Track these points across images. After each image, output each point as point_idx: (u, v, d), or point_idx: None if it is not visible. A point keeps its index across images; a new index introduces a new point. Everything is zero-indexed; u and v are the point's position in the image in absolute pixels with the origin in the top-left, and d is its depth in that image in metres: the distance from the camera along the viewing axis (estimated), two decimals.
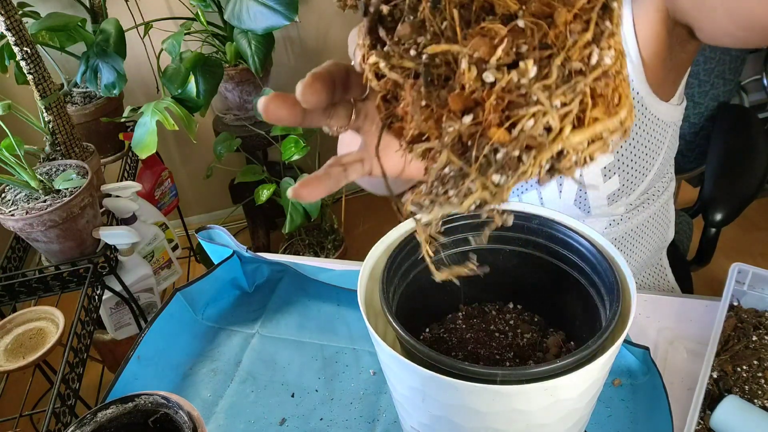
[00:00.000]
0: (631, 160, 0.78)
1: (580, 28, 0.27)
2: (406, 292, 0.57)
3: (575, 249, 0.55)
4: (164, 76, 1.41)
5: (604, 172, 0.79)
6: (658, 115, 0.77)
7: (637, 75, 0.73)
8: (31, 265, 1.18)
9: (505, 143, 0.28)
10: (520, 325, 0.62)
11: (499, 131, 0.28)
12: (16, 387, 0.98)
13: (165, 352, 0.75)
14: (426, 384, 0.45)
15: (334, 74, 0.34)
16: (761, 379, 0.63)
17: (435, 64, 0.29)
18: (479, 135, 0.28)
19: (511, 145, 0.28)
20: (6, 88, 1.73)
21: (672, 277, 0.98)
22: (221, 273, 0.82)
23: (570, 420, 0.47)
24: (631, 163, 0.79)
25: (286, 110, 0.34)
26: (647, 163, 0.80)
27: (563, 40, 0.27)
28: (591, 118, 0.28)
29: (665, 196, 0.89)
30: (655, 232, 0.90)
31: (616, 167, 0.78)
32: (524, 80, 0.27)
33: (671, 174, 0.88)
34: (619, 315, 0.46)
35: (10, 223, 0.94)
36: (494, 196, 0.29)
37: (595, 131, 0.29)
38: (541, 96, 0.27)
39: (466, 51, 0.27)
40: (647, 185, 0.83)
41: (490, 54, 0.27)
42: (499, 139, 0.28)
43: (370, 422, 0.66)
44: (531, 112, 0.27)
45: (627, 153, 0.78)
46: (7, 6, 0.97)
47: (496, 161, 0.28)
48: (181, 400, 0.48)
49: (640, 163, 0.79)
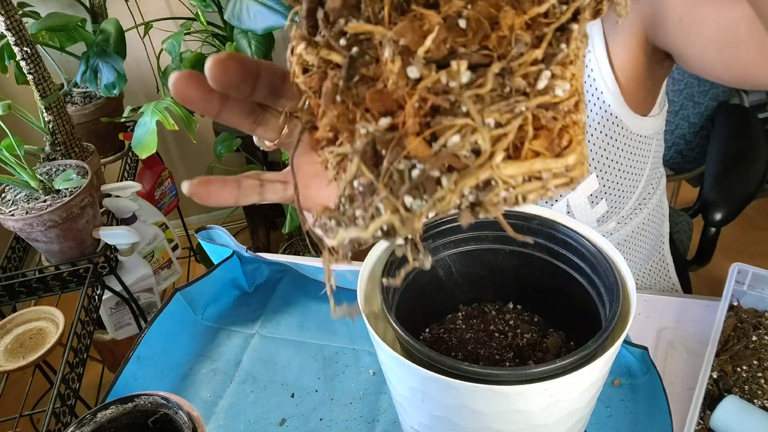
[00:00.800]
0: (616, 183, 0.78)
1: (529, 40, 0.23)
2: (405, 292, 0.57)
3: (575, 249, 0.55)
4: (164, 76, 1.41)
5: (591, 199, 0.78)
6: (641, 132, 0.76)
7: (615, 100, 0.72)
8: (31, 265, 1.18)
9: (422, 158, 0.23)
10: (520, 326, 0.62)
11: (416, 141, 0.23)
12: (16, 387, 0.98)
13: (165, 352, 0.75)
14: (426, 384, 0.45)
15: (265, 69, 0.30)
16: (761, 379, 0.63)
17: (363, 58, 0.24)
18: (396, 145, 0.24)
19: (430, 162, 0.23)
20: (6, 88, 1.73)
21: (674, 272, 0.97)
22: (221, 273, 0.82)
23: (570, 420, 0.47)
24: (618, 186, 0.78)
25: (197, 91, 0.29)
26: (634, 181, 0.79)
27: (506, 47, 0.23)
28: (530, 151, 0.24)
29: (657, 195, 0.88)
30: (651, 230, 0.90)
31: (602, 193, 0.78)
32: (453, 83, 0.22)
33: (661, 171, 0.87)
34: (619, 315, 0.46)
35: (10, 223, 0.94)
36: (404, 223, 0.24)
37: (533, 167, 0.24)
38: (471, 107, 0.22)
39: (391, 35, 0.23)
40: (636, 198, 0.82)
41: (417, 44, 0.22)
42: (416, 150, 0.23)
43: (370, 422, 0.66)
44: (458, 124, 0.23)
45: (612, 177, 0.77)
46: (7, 6, 0.97)
47: (410, 179, 0.23)
48: (181, 401, 0.48)
49: (627, 183, 0.78)
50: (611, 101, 0.72)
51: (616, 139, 0.75)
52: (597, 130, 0.74)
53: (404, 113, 0.23)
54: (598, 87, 0.72)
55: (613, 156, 0.75)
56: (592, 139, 0.74)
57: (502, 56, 0.23)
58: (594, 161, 0.75)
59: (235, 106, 0.31)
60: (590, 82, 0.72)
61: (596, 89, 0.72)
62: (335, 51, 0.25)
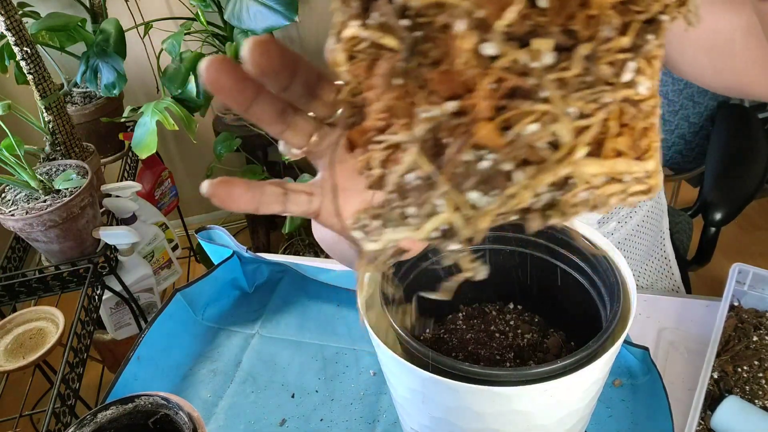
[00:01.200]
0: None
1: (619, 24, 0.20)
2: (406, 292, 0.57)
3: (575, 249, 0.55)
4: (164, 76, 1.40)
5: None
6: None
7: None
8: (31, 265, 1.18)
9: (494, 148, 0.20)
10: (521, 326, 0.62)
11: (488, 127, 0.20)
12: (16, 387, 0.97)
13: (165, 353, 0.75)
14: (426, 385, 0.45)
15: (303, 63, 0.27)
16: (762, 380, 0.63)
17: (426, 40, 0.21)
18: (462, 132, 0.21)
19: (502, 153, 0.20)
20: (6, 88, 1.73)
21: (677, 269, 0.97)
22: (221, 273, 0.82)
23: (570, 420, 0.47)
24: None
25: (230, 78, 0.26)
26: None
27: (594, 29, 0.20)
28: (613, 149, 0.21)
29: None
30: (651, 227, 0.90)
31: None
32: (536, 64, 0.19)
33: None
34: (619, 315, 0.46)
35: (10, 223, 0.94)
36: (467, 222, 0.22)
37: (615, 168, 0.21)
38: (554, 92, 0.19)
39: (468, 5, 0.19)
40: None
41: (496, 16, 0.19)
42: (486, 138, 0.20)
43: (370, 423, 0.66)
44: (538, 110, 0.20)
45: None
46: (7, 6, 0.97)
47: (477, 171, 0.21)
48: (181, 401, 0.48)
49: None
50: None
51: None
52: None
53: (475, 96, 0.20)
54: None
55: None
56: None
57: (590, 38, 0.20)
58: None
59: (267, 100, 0.28)
60: None
61: None
62: (392, 33, 0.21)
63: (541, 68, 0.19)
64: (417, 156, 0.22)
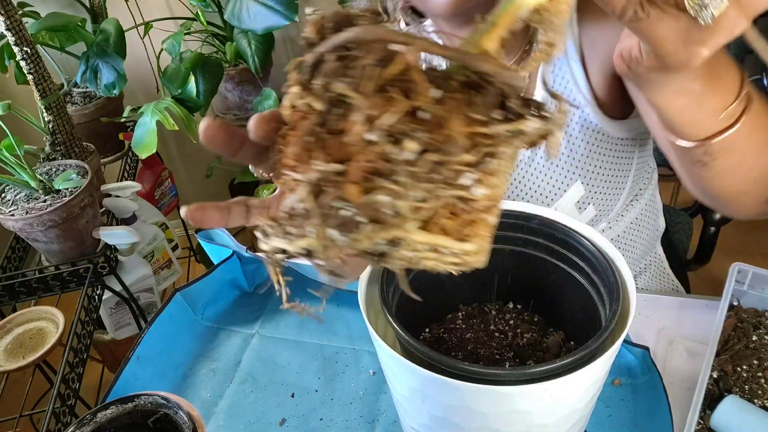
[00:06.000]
0: (602, 188, 0.78)
1: (468, 146, 0.28)
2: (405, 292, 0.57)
3: (575, 249, 0.55)
4: (164, 76, 1.41)
5: (578, 206, 0.79)
6: (621, 135, 0.76)
7: (592, 110, 0.73)
8: (31, 265, 1.18)
9: (354, 204, 0.28)
10: (520, 325, 0.62)
11: (354, 188, 0.28)
12: (16, 387, 0.98)
13: (165, 352, 0.75)
14: (426, 384, 0.45)
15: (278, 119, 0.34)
16: (761, 379, 0.63)
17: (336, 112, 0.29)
18: (338, 186, 0.28)
19: (359, 209, 0.28)
20: (6, 88, 1.73)
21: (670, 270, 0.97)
22: (221, 273, 0.82)
23: (570, 420, 0.47)
24: (604, 190, 0.78)
25: (224, 138, 0.35)
26: (620, 182, 0.79)
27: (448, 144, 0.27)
28: (439, 228, 0.29)
29: (650, 190, 0.88)
30: (646, 227, 0.89)
31: (589, 198, 0.78)
32: (398, 156, 0.27)
33: (651, 165, 0.88)
34: (618, 315, 0.46)
35: (10, 223, 0.94)
36: (323, 250, 0.29)
37: (437, 242, 0.29)
38: (404, 180, 0.27)
39: (366, 103, 0.28)
40: (626, 197, 0.82)
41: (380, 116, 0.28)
42: (351, 195, 0.28)
43: (370, 422, 0.66)
44: (390, 188, 0.27)
45: (597, 183, 0.77)
46: (7, 6, 0.97)
47: (339, 216, 0.28)
48: (181, 401, 0.48)
49: (613, 186, 0.79)
50: (589, 111, 0.73)
51: (597, 146, 0.75)
52: (578, 138, 0.74)
53: (352, 165, 0.28)
54: (576, 98, 0.73)
55: (596, 162, 0.76)
56: (574, 148, 0.75)
57: (442, 150, 0.27)
58: (578, 169, 0.76)
59: (247, 149, 0.37)
60: (567, 94, 0.73)
61: (574, 99, 0.73)
62: (319, 100, 0.30)
63: (401, 160, 0.27)
64: (305, 193, 0.29)
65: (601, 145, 0.75)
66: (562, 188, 0.77)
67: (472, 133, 0.28)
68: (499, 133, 0.28)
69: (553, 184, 0.77)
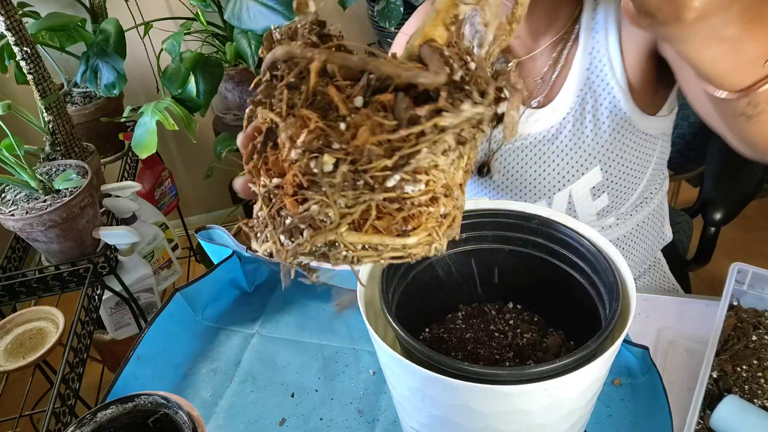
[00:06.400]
0: (619, 178, 0.78)
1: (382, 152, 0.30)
2: (405, 292, 0.57)
3: (575, 249, 0.55)
4: (164, 76, 1.40)
5: (593, 192, 0.79)
6: (647, 130, 0.76)
7: (623, 96, 0.73)
8: (31, 265, 1.18)
9: (293, 214, 0.32)
10: (520, 325, 0.62)
11: (290, 200, 0.32)
12: (16, 387, 0.97)
13: (165, 352, 0.75)
14: (425, 384, 0.45)
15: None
16: (761, 379, 0.63)
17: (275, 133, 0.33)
18: (280, 198, 0.33)
19: (297, 218, 0.32)
20: (6, 88, 1.73)
21: (669, 271, 0.97)
22: (221, 273, 0.82)
23: (570, 420, 0.47)
24: (620, 181, 0.79)
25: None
26: (636, 178, 0.80)
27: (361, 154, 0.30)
28: (371, 227, 0.32)
29: (659, 197, 0.88)
30: (651, 232, 0.90)
31: (605, 186, 0.78)
32: (317, 170, 0.30)
33: (664, 173, 0.88)
34: (618, 315, 0.46)
35: (10, 223, 0.94)
36: (278, 252, 0.33)
37: (370, 240, 0.32)
38: (327, 189, 0.31)
39: (284, 125, 0.31)
40: (638, 196, 0.82)
41: (297, 135, 0.31)
42: (289, 206, 0.32)
43: (370, 422, 0.66)
44: (317, 198, 0.31)
45: (615, 172, 0.77)
46: (7, 6, 0.97)
47: (284, 224, 0.32)
48: (181, 400, 0.48)
49: (629, 179, 0.79)
50: (621, 98, 0.73)
51: (623, 135, 0.75)
52: (605, 124, 0.75)
53: (286, 180, 0.32)
54: (609, 82, 0.73)
55: (618, 150, 0.76)
56: (600, 132, 0.75)
57: (357, 160, 0.30)
58: (600, 154, 0.76)
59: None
60: (602, 77, 0.74)
61: (607, 84, 0.73)
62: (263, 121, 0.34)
63: (321, 173, 0.30)
64: (260, 204, 0.34)
65: (626, 135, 0.75)
66: (581, 170, 0.77)
67: (382, 140, 0.30)
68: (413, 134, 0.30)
69: (572, 165, 0.77)
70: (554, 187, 0.80)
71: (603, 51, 0.73)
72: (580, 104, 0.75)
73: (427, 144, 0.30)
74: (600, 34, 0.73)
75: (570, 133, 0.76)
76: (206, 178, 1.74)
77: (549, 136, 0.78)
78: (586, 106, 0.75)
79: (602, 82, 0.74)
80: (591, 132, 0.76)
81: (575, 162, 0.77)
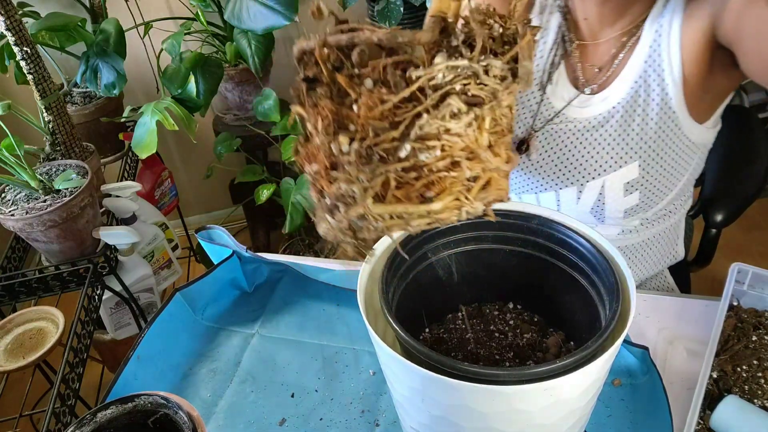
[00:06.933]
0: (655, 179, 0.78)
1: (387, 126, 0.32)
2: (405, 292, 0.57)
3: (575, 249, 0.55)
4: (164, 76, 1.40)
5: (626, 187, 0.78)
6: (690, 137, 0.76)
7: (676, 93, 0.73)
8: (31, 265, 1.18)
9: (329, 193, 0.36)
10: (520, 325, 0.62)
11: (324, 182, 0.36)
12: (16, 387, 0.97)
13: (165, 352, 0.75)
14: (426, 384, 0.45)
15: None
16: (761, 379, 0.63)
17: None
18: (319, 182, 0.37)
19: (334, 197, 0.35)
20: (6, 88, 1.73)
21: (671, 279, 0.97)
22: (221, 273, 0.82)
23: (570, 420, 0.47)
24: (655, 182, 0.78)
25: None
26: (671, 183, 0.80)
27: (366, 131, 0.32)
28: (393, 197, 0.34)
29: (681, 213, 0.89)
30: (665, 245, 0.90)
31: (639, 183, 0.78)
32: (336, 151, 0.33)
33: (690, 191, 0.88)
34: (618, 315, 0.46)
35: (10, 223, 0.94)
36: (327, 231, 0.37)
37: (395, 209, 0.34)
38: (348, 167, 0.34)
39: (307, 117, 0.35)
40: (667, 203, 0.82)
41: (316, 124, 0.34)
42: (325, 188, 0.36)
43: (370, 422, 0.66)
44: (342, 177, 0.34)
45: (653, 171, 0.77)
46: (7, 6, 0.97)
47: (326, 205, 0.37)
48: (181, 401, 0.48)
49: (664, 182, 0.79)
50: (673, 94, 0.73)
51: (668, 135, 0.75)
52: (653, 120, 0.75)
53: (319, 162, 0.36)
54: (665, 77, 0.73)
55: (660, 150, 0.76)
56: (646, 128, 0.75)
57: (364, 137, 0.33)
58: (641, 150, 0.76)
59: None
60: (658, 71, 0.73)
61: (663, 79, 0.73)
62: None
63: (340, 152, 0.33)
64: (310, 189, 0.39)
65: (670, 135, 0.75)
66: (620, 163, 0.77)
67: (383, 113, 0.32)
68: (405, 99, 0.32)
69: (612, 156, 0.77)
70: (589, 174, 0.79)
71: (664, 41, 0.72)
72: (633, 96, 0.75)
73: (427, 108, 0.31)
74: (665, 23, 0.72)
75: (617, 124, 0.76)
76: (206, 178, 1.74)
77: (595, 123, 0.78)
78: (638, 99, 0.75)
79: (657, 76, 0.73)
80: (638, 126, 0.75)
81: (615, 153, 0.77)
